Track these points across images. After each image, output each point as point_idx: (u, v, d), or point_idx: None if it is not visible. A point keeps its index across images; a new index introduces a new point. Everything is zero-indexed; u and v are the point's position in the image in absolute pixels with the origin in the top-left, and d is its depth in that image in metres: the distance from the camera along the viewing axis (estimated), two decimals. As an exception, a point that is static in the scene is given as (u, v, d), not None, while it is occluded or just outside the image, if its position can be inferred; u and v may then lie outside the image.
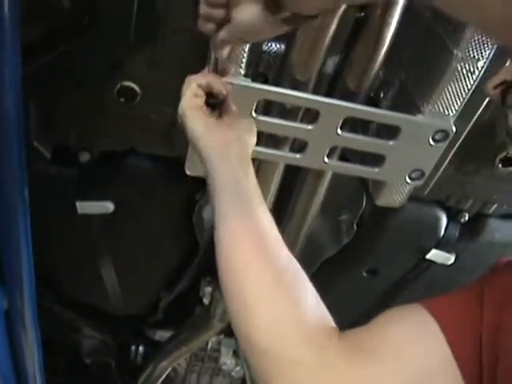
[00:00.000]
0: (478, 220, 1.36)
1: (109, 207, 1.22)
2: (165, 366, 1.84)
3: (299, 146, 1.02)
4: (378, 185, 1.16)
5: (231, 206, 0.74)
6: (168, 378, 1.92)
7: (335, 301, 0.75)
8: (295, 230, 1.25)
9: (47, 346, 1.23)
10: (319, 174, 1.14)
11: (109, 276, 1.44)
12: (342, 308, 0.75)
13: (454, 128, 0.98)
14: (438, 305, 0.68)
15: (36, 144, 1.07)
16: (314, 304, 0.72)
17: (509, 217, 1.36)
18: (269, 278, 0.71)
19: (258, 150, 1.01)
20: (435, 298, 0.69)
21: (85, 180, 1.18)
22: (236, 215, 0.73)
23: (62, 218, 1.25)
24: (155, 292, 1.62)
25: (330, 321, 0.72)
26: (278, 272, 0.71)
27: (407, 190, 1.13)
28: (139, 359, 1.94)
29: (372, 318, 0.71)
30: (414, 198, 1.23)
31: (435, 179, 1.19)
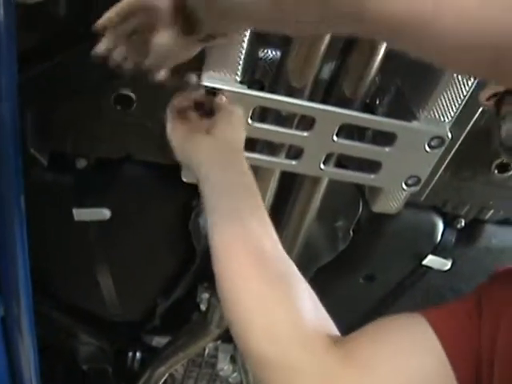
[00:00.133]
0: (475, 226, 1.36)
1: (105, 214, 1.22)
2: (162, 372, 1.83)
3: (295, 153, 1.02)
4: (375, 191, 1.16)
5: (225, 214, 0.75)
6: (165, 384, 1.92)
7: (332, 307, 0.75)
8: (292, 237, 1.25)
9: (44, 353, 1.23)
10: (315, 181, 1.14)
11: (105, 282, 1.44)
12: (338, 314, 0.75)
13: (449, 134, 0.98)
14: (437, 315, 0.68)
15: (33, 151, 1.07)
16: (312, 309, 0.72)
17: (505, 222, 1.36)
18: (265, 286, 0.71)
19: (254, 156, 1.01)
20: (434, 308, 0.69)
21: (81, 187, 1.18)
22: (229, 224, 0.74)
23: (59, 225, 1.25)
24: (152, 298, 1.61)
25: (330, 325, 0.72)
26: (274, 279, 0.71)
27: (403, 196, 1.14)
28: (136, 365, 1.93)
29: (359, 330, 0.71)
30: (411, 203, 1.23)
31: (431, 185, 1.20)
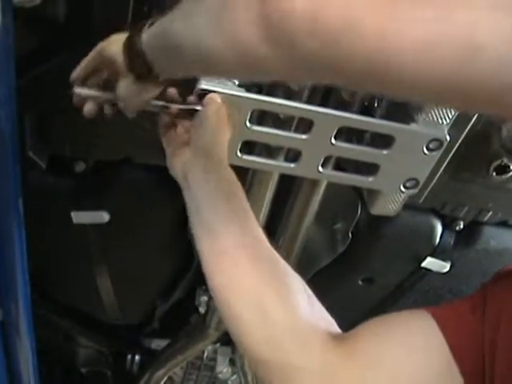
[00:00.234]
0: (473, 228, 1.36)
1: (104, 217, 1.22)
2: (161, 375, 1.83)
3: (293, 156, 1.02)
4: (373, 194, 1.16)
5: (206, 221, 0.77)
6: (164, 386, 1.92)
7: (331, 310, 0.75)
8: (290, 239, 1.25)
9: (43, 356, 1.23)
10: (314, 184, 1.14)
11: (104, 285, 1.44)
12: (337, 317, 0.75)
13: (447, 137, 0.98)
14: (441, 311, 0.68)
15: (31, 154, 1.07)
16: (308, 305, 0.72)
17: (504, 224, 1.36)
18: (260, 285, 0.71)
19: (253, 159, 1.01)
20: (441, 306, 0.69)
21: (80, 190, 1.18)
22: (221, 232, 0.75)
23: (58, 228, 1.25)
24: (151, 301, 1.61)
25: (328, 321, 0.73)
26: (269, 282, 0.72)
27: (402, 198, 1.14)
28: (135, 368, 1.93)
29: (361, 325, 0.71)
30: (409, 206, 1.23)
31: (430, 187, 1.20)
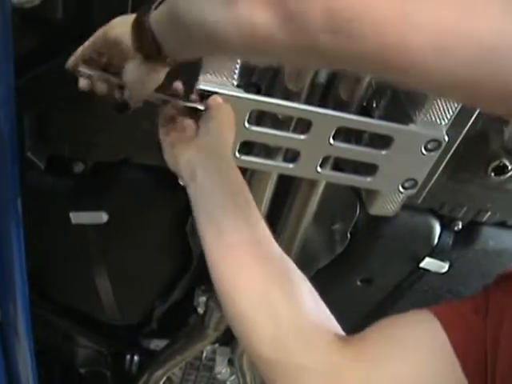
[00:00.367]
0: (472, 228, 1.36)
1: (103, 217, 1.22)
2: (160, 376, 1.83)
3: (292, 156, 1.02)
4: (372, 194, 1.16)
5: (208, 216, 0.76)
6: (163, 387, 1.92)
7: (330, 310, 0.75)
8: (289, 240, 1.26)
9: (41, 356, 1.23)
10: (312, 184, 1.14)
11: (103, 286, 1.44)
12: (336, 317, 0.75)
13: (446, 137, 0.98)
14: (445, 311, 0.67)
15: (30, 154, 1.07)
16: (313, 305, 0.72)
17: (502, 225, 1.36)
18: (265, 288, 0.71)
19: (251, 159, 1.01)
20: (444, 305, 0.69)
21: (79, 190, 1.18)
22: (213, 227, 0.75)
23: (56, 228, 1.25)
24: (150, 301, 1.61)
25: (332, 321, 0.73)
26: (275, 280, 0.72)
27: (400, 198, 1.14)
28: (134, 368, 1.93)
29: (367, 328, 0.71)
30: (408, 206, 1.23)
31: (428, 188, 1.20)
